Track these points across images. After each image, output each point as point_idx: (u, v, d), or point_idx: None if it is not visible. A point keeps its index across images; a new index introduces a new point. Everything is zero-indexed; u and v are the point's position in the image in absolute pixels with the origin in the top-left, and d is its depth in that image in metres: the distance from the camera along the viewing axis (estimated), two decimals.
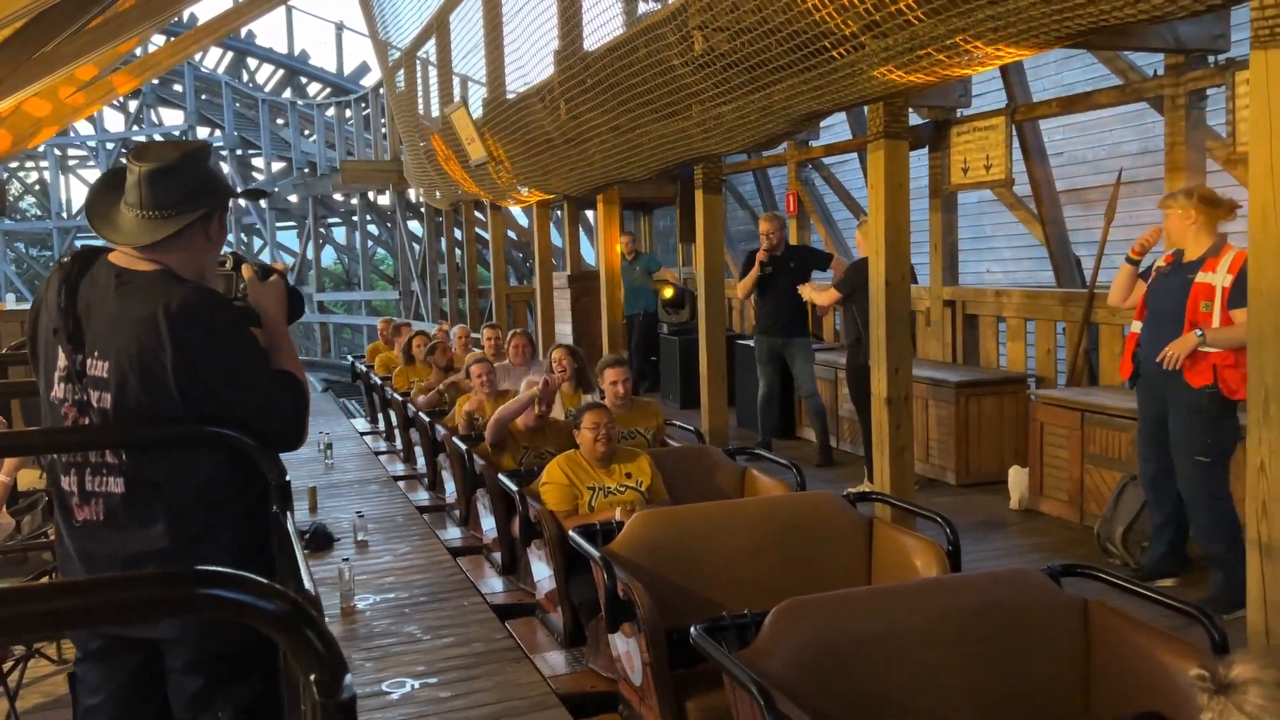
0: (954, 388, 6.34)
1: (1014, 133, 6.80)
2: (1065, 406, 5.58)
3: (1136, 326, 4.46)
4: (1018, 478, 5.92)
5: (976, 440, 6.39)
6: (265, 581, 1.08)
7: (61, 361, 2.06)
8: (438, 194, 13.13)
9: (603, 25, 6.36)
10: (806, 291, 6.74)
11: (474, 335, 8.88)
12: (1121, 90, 6.21)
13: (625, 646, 3.35)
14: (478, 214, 13.96)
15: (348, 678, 1.06)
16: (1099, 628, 2.71)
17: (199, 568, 1.10)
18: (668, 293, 10.28)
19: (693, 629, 2.64)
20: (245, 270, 2.24)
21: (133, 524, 2.05)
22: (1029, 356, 7.05)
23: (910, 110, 6.98)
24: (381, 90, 15.23)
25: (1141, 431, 4.57)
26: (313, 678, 1.05)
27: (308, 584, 1.50)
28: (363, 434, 9.59)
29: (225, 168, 22.81)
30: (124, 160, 2.09)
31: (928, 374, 6.58)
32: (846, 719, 2.45)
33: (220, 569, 1.09)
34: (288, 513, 1.93)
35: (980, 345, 7.27)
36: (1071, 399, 5.59)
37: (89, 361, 2.04)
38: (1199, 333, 4.06)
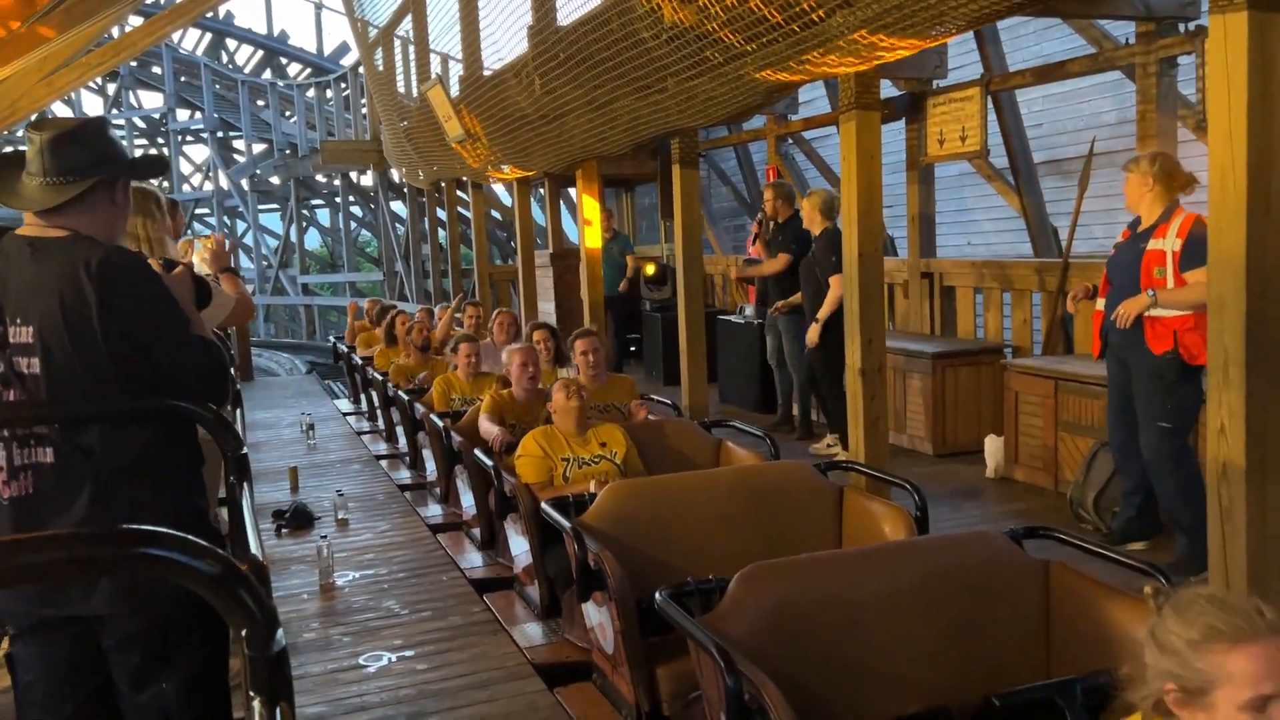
0: (930, 359, 6.38)
1: (990, 104, 6.81)
2: (1039, 375, 5.62)
3: (1102, 304, 4.51)
4: (993, 446, 5.97)
5: (953, 410, 6.43)
6: (197, 541, 1.10)
7: None
8: (419, 174, 13.09)
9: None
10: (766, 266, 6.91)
11: (456, 315, 8.88)
12: (1094, 59, 6.23)
13: (598, 616, 3.38)
14: (460, 193, 13.93)
15: (279, 633, 1.08)
16: (1059, 588, 2.76)
17: (131, 526, 1.11)
18: (649, 269, 10.29)
19: (658, 594, 2.67)
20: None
21: (63, 495, 2.05)
22: (1006, 327, 7.10)
23: (886, 82, 7.00)
24: (361, 69, 15.14)
25: (1111, 399, 4.61)
26: (244, 633, 1.08)
27: (255, 551, 1.52)
28: (346, 414, 9.59)
29: (206, 150, 22.70)
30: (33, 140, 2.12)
31: (905, 345, 6.62)
32: (810, 680, 2.49)
33: (154, 529, 1.11)
34: (244, 484, 1.94)
35: (957, 316, 7.31)
36: (1045, 368, 5.63)
37: (11, 330, 2.05)
38: (1150, 293, 4.11)
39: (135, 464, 2.08)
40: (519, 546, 4.41)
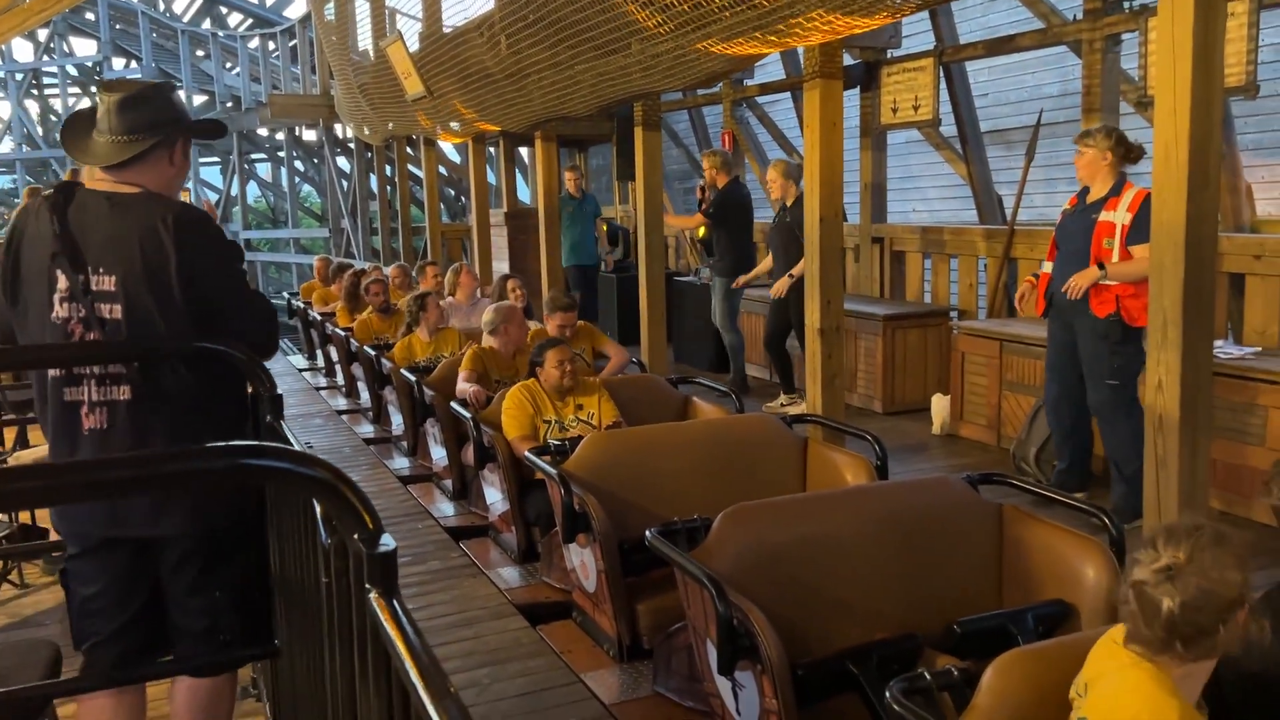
0: (881, 320, 6.64)
1: (941, 74, 7.03)
2: (985, 337, 5.91)
3: (1048, 267, 4.77)
4: (940, 405, 6.26)
5: (902, 370, 6.72)
6: (304, 452, 1.25)
7: (62, 284, 2.23)
8: (366, 130, 12.98)
9: None
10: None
11: (412, 275, 8.89)
12: (1043, 34, 6.48)
13: (580, 557, 3.57)
14: (409, 150, 13.85)
15: (385, 535, 1.24)
16: (1011, 528, 3.00)
17: (244, 442, 1.26)
18: (601, 228, 10.40)
19: (647, 532, 2.87)
20: None
21: (136, 429, 2.25)
22: (953, 291, 7.38)
23: (843, 51, 7.18)
24: (309, 23, 14.91)
25: (1049, 357, 4.89)
26: (356, 536, 1.24)
27: None
28: (301, 370, 9.61)
29: None
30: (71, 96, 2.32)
31: (856, 308, 6.87)
32: (788, 610, 2.70)
33: (261, 443, 1.26)
34: (280, 421, 2.08)
35: (906, 280, 7.58)
36: (991, 329, 5.92)
37: (94, 279, 2.22)
38: (1101, 266, 4.37)
39: (198, 402, 2.28)
40: (494, 496, 4.57)
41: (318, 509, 1.52)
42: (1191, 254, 3.32)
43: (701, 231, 9.85)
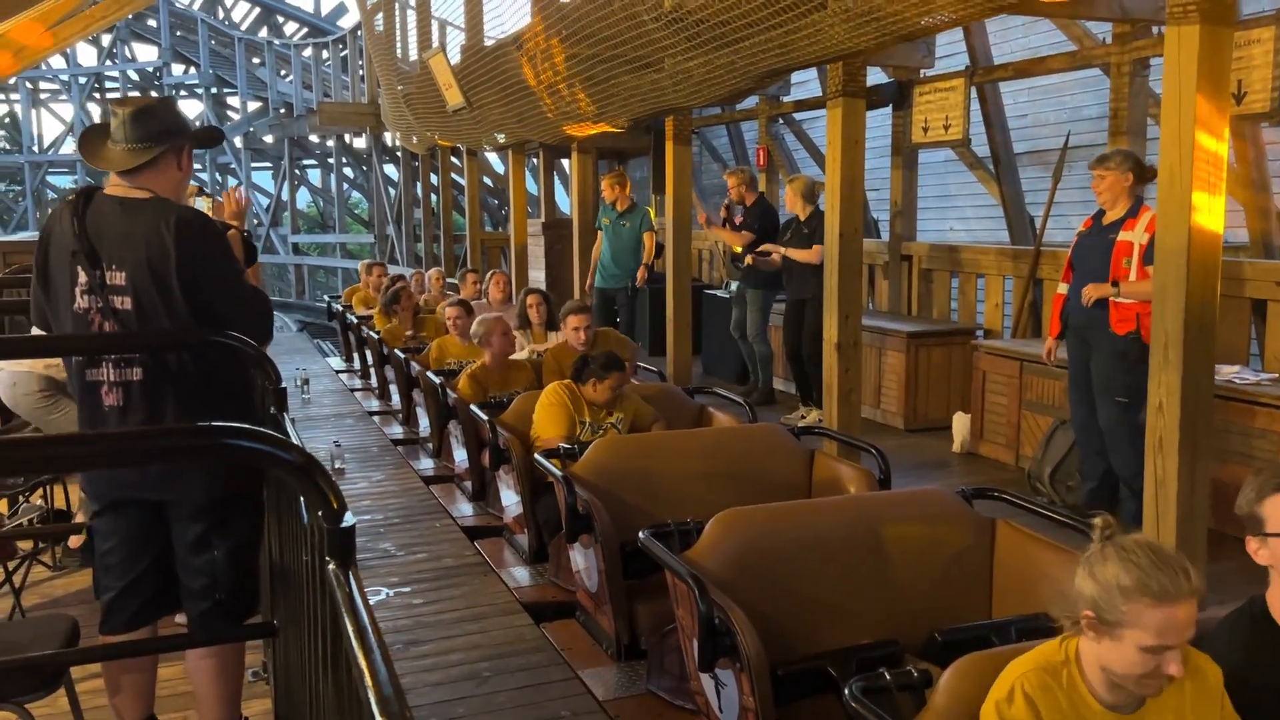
0: (905, 337, 6.67)
1: (973, 94, 7.06)
2: (1006, 356, 5.93)
3: (1064, 289, 4.80)
4: (960, 423, 6.28)
5: (925, 387, 6.74)
6: (282, 437, 1.37)
7: (82, 278, 2.52)
8: (414, 138, 13.25)
9: None
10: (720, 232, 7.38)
11: (450, 280, 9.08)
12: (1072, 56, 6.50)
13: (584, 559, 3.67)
14: (453, 159, 14.10)
15: (348, 514, 1.35)
16: (1004, 542, 3.05)
17: (227, 423, 1.38)
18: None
19: (641, 533, 2.96)
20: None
21: (149, 406, 2.54)
22: (979, 310, 7.39)
23: (876, 69, 7.25)
24: (360, 32, 15.24)
25: (1072, 378, 4.91)
26: (320, 513, 1.35)
27: None
28: (339, 372, 9.83)
29: (200, 106, 22.69)
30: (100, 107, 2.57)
31: (882, 324, 6.91)
32: (774, 612, 2.78)
33: (246, 425, 1.38)
34: (284, 412, 2.21)
35: (933, 298, 7.60)
36: (1011, 349, 5.94)
37: (108, 274, 2.51)
38: (1114, 283, 4.41)
39: (204, 383, 2.54)
40: (509, 498, 4.69)
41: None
42: (1194, 276, 3.35)
43: (738, 248, 9.89)
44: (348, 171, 20.92)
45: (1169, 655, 1.78)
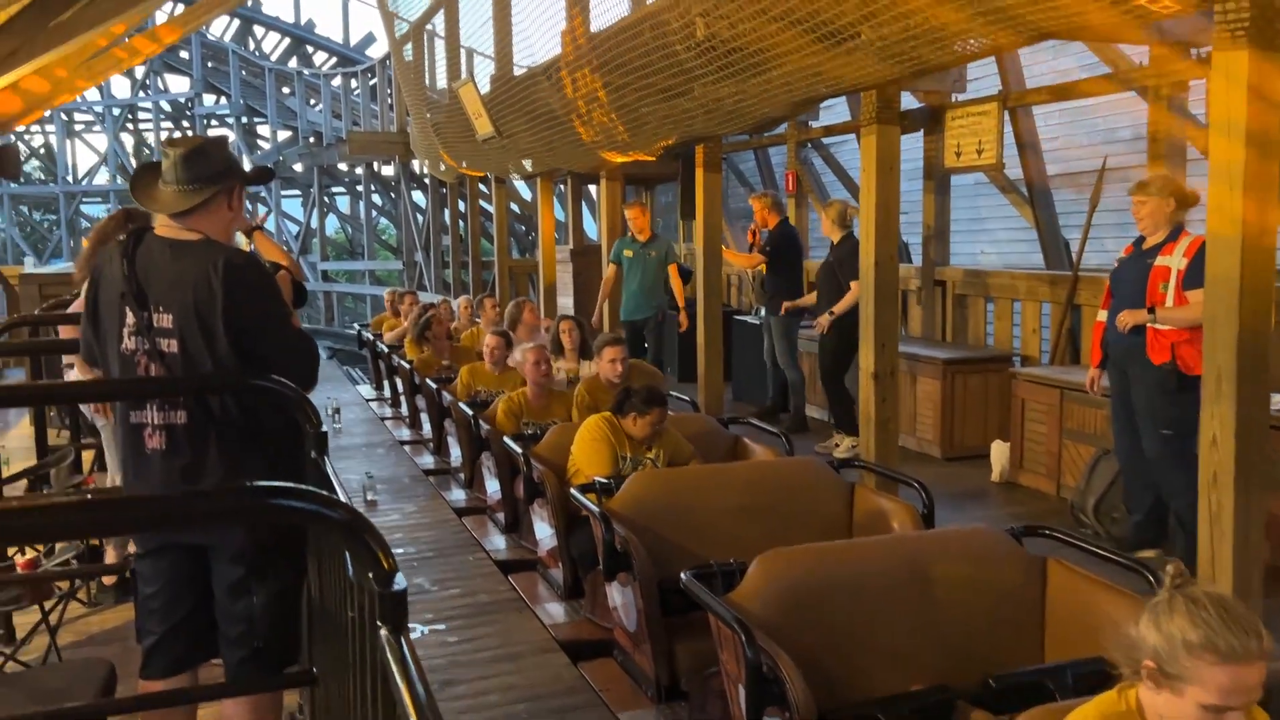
0: (941, 364, 6.58)
1: (1006, 118, 7.00)
2: (1045, 384, 5.83)
3: (1103, 316, 4.72)
4: (999, 451, 6.18)
5: (962, 415, 6.64)
6: (329, 495, 1.33)
7: (130, 320, 2.53)
8: (442, 166, 13.32)
9: (609, 9, 6.56)
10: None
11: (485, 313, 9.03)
12: (1108, 79, 6.43)
13: (621, 596, 3.61)
14: (481, 187, 14.16)
15: (398, 575, 1.31)
16: (1056, 582, 2.97)
17: (273, 483, 1.35)
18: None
19: (683, 574, 2.90)
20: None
21: (193, 449, 2.53)
22: (1015, 336, 7.29)
23: (907, 93, 7.19)
24: (388, 62, 15.38)
25: (1114, 409, 4.81)
26: (371, 575, 1.30)
27: None
28: (368, 400, 9.84)
29: (230, 135, 22.97)
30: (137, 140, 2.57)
31: (916, 351, 6.83)
32: (820, 656, 2.71)
33: (292, 484, 1.34)
34: (324, 456, 2.18)
35: (968, 324, 7.51)
36: (1051, 377, 5.84)
37: (155, 316, 2.51)
38: (1150, 310, 4.35)
39: (247, 426, 2.52)
40: (543, 531, 4.64)
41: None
42: (1246, 307, 3.26)
43: (745, 265, 9.89)
44: (376, 199, 21.09)
45: (1231, 716, 1.72)
